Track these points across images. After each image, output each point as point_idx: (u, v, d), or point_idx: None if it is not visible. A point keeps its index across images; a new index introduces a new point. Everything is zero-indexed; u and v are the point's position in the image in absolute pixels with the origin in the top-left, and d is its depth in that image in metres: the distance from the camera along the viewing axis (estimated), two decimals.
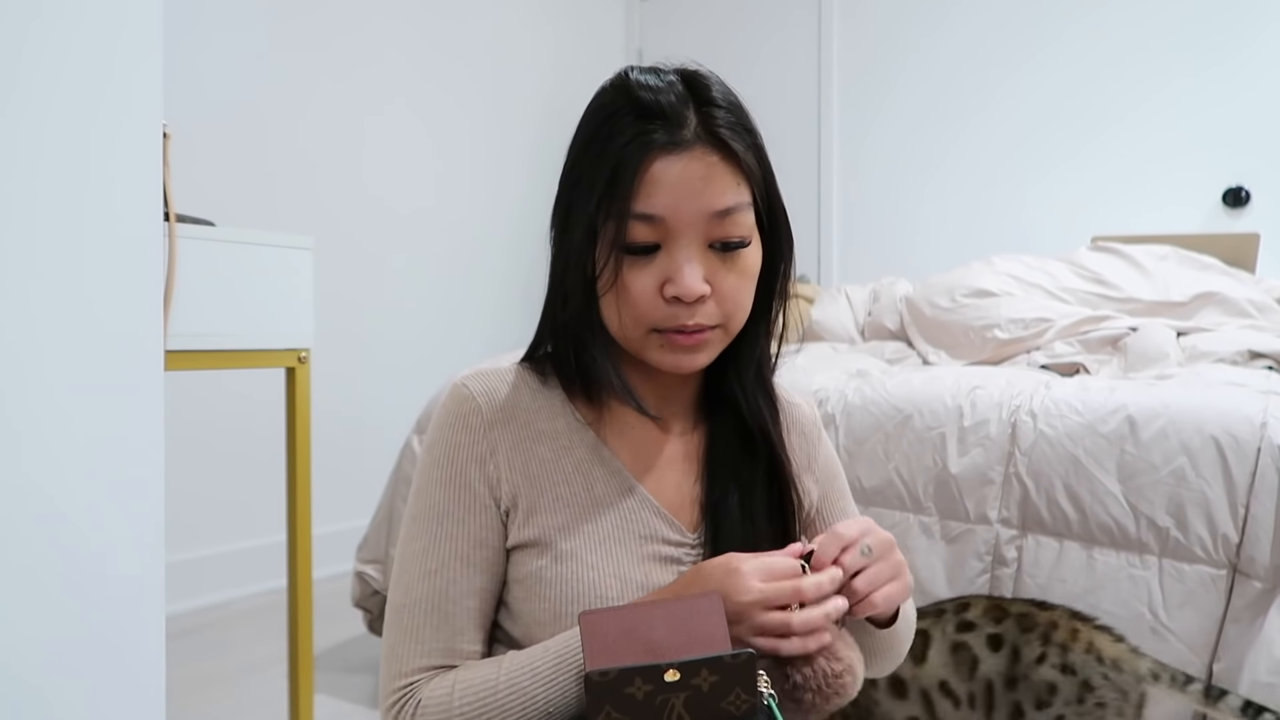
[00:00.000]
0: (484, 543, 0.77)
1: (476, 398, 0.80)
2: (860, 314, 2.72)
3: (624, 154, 0.71)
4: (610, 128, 0.73)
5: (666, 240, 0.73)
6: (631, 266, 0.73)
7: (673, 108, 0.72)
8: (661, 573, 0.78)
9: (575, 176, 0.75)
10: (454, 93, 3.38)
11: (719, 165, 0.72)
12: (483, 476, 0.78)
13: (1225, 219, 2.96)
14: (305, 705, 1.55)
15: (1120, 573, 1.33)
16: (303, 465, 1.55)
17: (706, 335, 0.75)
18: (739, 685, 0.58)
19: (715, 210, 0.72)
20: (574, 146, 0.77)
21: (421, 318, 3.28)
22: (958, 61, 3.43)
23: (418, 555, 0.77)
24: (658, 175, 0.71)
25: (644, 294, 0.73)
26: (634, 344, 0.76)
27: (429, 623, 0.75)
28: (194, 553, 2.56)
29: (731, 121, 0.74)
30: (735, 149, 0.73)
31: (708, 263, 0.73)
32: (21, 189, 0.92)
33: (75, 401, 0.96)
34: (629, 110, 0.73)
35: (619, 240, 0.72)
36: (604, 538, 0.78)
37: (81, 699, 0.97)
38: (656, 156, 0.71)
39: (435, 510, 0.78)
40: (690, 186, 0.71)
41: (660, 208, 0.71)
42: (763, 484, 0.82)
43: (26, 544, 0.93)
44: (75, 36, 0.95)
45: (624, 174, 0.71)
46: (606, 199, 0.71)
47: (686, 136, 0.72)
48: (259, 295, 1.45)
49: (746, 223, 0.74)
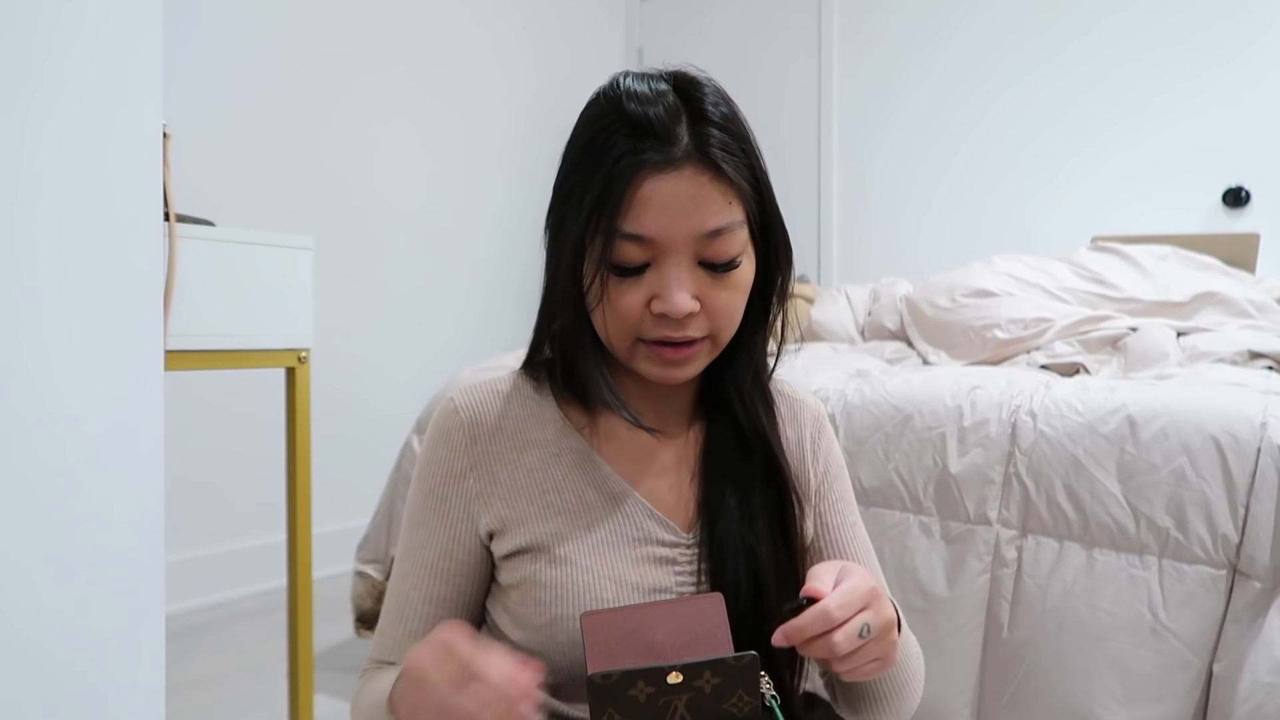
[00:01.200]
0: (450, 555, 0.80)
1: (460, 413, 0.82)
2: (860, 314, 2.72)
3: (614, 172, 0.70)
4: (602, 142, 0.72)
5: (655, 258, 0.72)
6: (620, 283, 0.73)
7: (663, 123, 0.71)
8: (657, 574, 0.78)
9: (566, 189, 0.75)
10: (453, 93, 3.38)
11: (709, 185, 0.71)
12: (460, 492, 0.80)
13: (1225, 219, 2.96)
14: (305, 705, 1.55)
15: (1120, 573, 1.33)
16: (303, 465, 1.55)
17: (694, 349, 0.75)
18: (742, 687, 0.58)
19: (705, 231, 0.71)
20: (566, 155, 0.76)
21: (422, 317, 3.28)
22: (958, 62, 3.43)
23: (399, 558, 0.84)
24: (648, 195, 0.70)
25: (632, 309, 0.73)
26: (622, 354, 0.76)
27: (389, 622, 0.82)
28: (194, 553, 2.56)
29: (724, 140, 0.73)
30: (726, 169, 0.72)
31: (697, 279, 0.73)
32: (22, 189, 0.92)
33: (76, 401, 0.96)
34: (620, 124, 0.71)
35: (606, 258, 0.72)
36: (597, 542, 0.78)
37: (82, 698, 0.97)
38: (647, 176, 0.70)
39: (415, 518, 0.83)
40: (680, 207, 0.70)
41: (649, 228, 0.71)
42: (761, 486, 0.82)
43: (27, 544, 0.93)
44: (76, 37, 0.95)
45: (613, 193, 0.70)
46: (595, 216, 0.71)
47: (677, 155, 0.70)
48: (259, 295, 1.45)
49: (738, 241, 0.74)
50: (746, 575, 0.78)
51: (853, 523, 0.89)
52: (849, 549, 0.87)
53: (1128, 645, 1.30)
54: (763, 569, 0.78)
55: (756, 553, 0.78)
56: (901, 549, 1.51)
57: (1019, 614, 1.39)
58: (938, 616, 1.46)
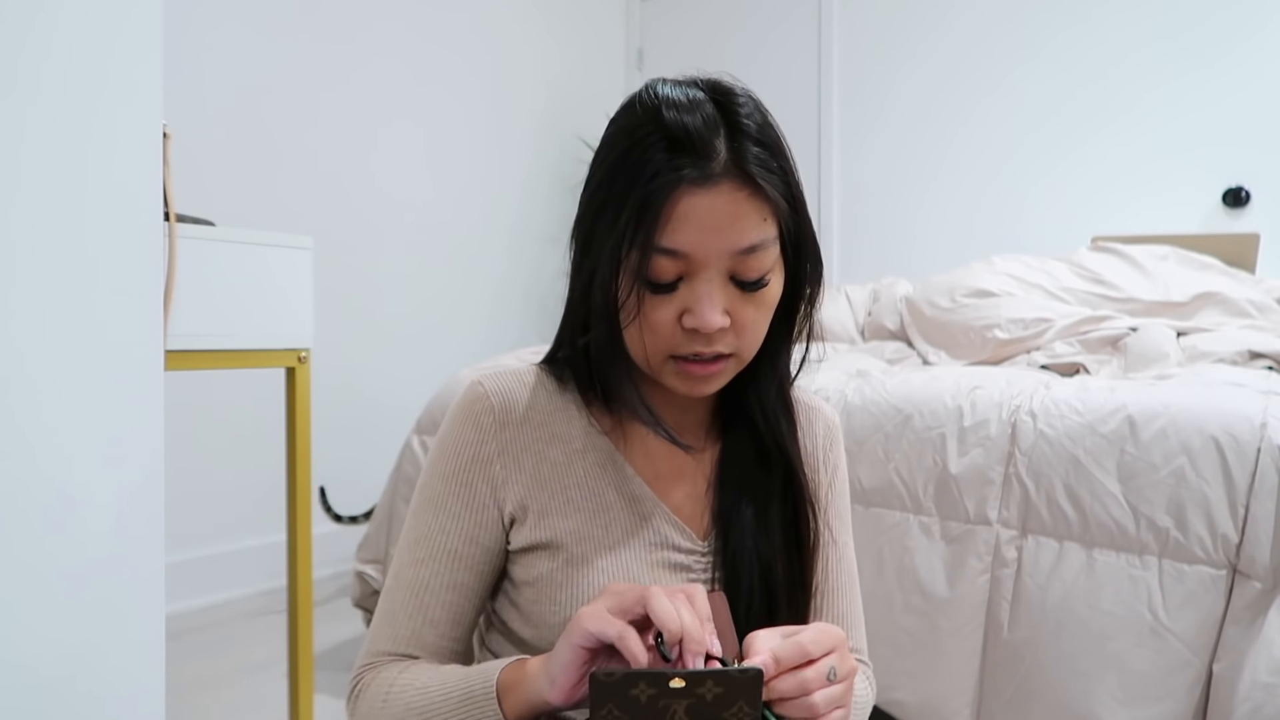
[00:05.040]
0: (475, 540, 0.78)
1: (490, 397, 0.80)
2: (860, 314, 2.72)
3: (651, 188, 0.70)
4: (638, 156, 0.71)
5: (688, 273, 0.72)
6: (653, 298, 0.73)
7: (701, 137, 0.70)
8: (671, 579, 0.78)
9: (600, 200, 0.73)
10: (453, 92, 3.38)
11: (746, 202, 0.71)
12: (486, 476, 0.79)
13: (1225, 219, 2.96)
14: (305, 705, 1.55)
15: (1120, 573, 1.33)
16: (303, 465, 1.55)
17: (721, 365, 0.75)
18: (744, 699, 0.58)
19: (740, 248, 0.71)
20: (598, 165, 0.75)
21: (422, 317, 3.28)
22: (958, 61, 3.43)
23: (411, 544, 0.80)
24: (685, 212, 0.70)
25: (664, 324, 0.73)
26: (651, 368, 0.76)
27: (404, 610, 0.78)
28: (194, 553, 2.56)
29: (761, 156, 0.72)
30: (763, 186, 0.71)
31: (728, 295, 0.73)
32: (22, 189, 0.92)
33: (76, 401, 0.96)
34: (658, 138, 0.70)
35: (642, 273, 0.71)
36: (614, 543, 0.78)
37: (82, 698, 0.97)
38: (685, 192, 0.69)
39: (434, 502, 0.80)
40: (716, 225, 0.70)
41: (685, 244, 0.70)
42: (779, 498, 0.82)
43: (27, 544, 0.93)
44: (76, 37, 0.95)
45: (650, 208, 0.70)
46: (631, 231, 0.70)
47: (715, 171, 0.70)
48: (259, 295, 1.45)
49: (770, 257, 0.73)
50: (760, 586, 0.78)
51: (844, 543, 0.89)
52: (832, 572, 0.86)
53: (1128, 645, 1.30)
54: (776, 581, 0.78)
55: (771, 565, 0.78)
56: (901, 549, 1.51)
57: (1019, 614, 1.39)
58: (938, 616, 1.46)
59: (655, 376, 0.77)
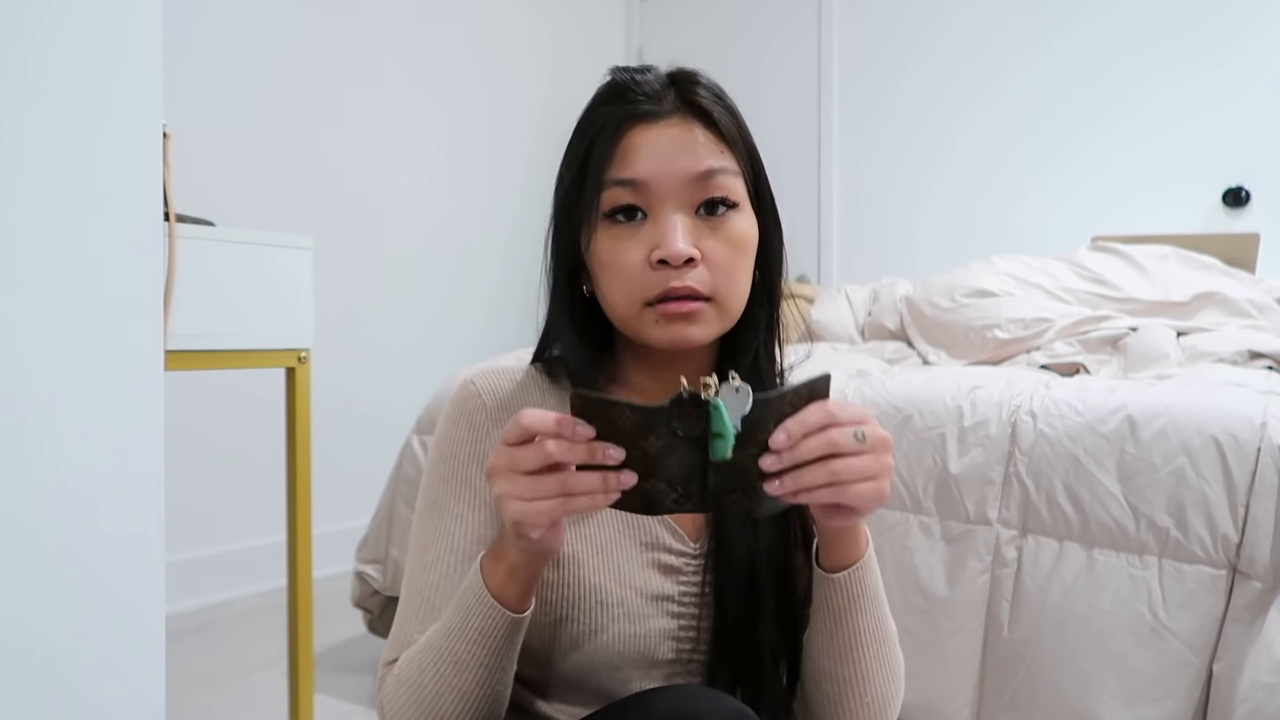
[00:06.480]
0: (481, 538, 0.78)
1: (482, 395, 0.80)
2: (860, 314, 2.72)
3: (600, 127, 0.72)
4: (590, 116, 0.75)
5: (650, 207, 0.72)
6: (617, 238, 0.73)
7: (651, 87, 0.74)
8: (661, 581, 0.78)
9: (561, 169, 0.77)
10: (453, 92, 3.38)
11: (699, 131, 0.73)
12: (484, 473, 0.78)
13: (1225, 219, 2.96)
14: (305, 705, 1.55)
15: (1120, 573, 1.33)
16: (303, 465, 1.55)
17: (699, 305, 0.73)
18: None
19: (697, 172, 0.72)
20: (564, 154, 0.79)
21: (422, 317, 3.28)
22: (958, 61, 3.43)
23: (419, 550, 0.79)
24: (636, 143, 0.72)
25: (634, 265, 0.72)
26: (631, 324, 0.75)
27: (416, 615, 0.77)
28: (194, 553, 2.56)
29: (714, 100, 0.75)
30: (715, 115, 0.73)
31: (695, 229, 0.73)
32: (23, 189, 0.92)
33: (76, 401, 0.96)
34: (608, 94, 0.75)
35: (599, 208, 0.73)
36: (605, 543, 0.77)
37: (82, 699, 0.97)
38: (634, 125, 0.72)
39: (437, 504, 0.79)
40: (669, 150, 0.72)
41: (639, 171, 0.72)
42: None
43: (27, 544, 0.93)
44: (77, 37, 0.95)
45: (600, 145, 0.72)
46: (584, 172, 0.73)
47: (665, 108, 0.73)
48: (259, 295, 1.45)
49: (733, 187, 0.74)
50: (749, 591, 0.77)
51: None
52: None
53: (1128, 645, 1.30)
54: (768, 584, 0.78)
55: (763, 568, 0.78)
56: (901, 549, 1.51)
57: (1019, 614, 1.39)
58: (938, 616, 1.46)
59: (637, 336, 0.76)
